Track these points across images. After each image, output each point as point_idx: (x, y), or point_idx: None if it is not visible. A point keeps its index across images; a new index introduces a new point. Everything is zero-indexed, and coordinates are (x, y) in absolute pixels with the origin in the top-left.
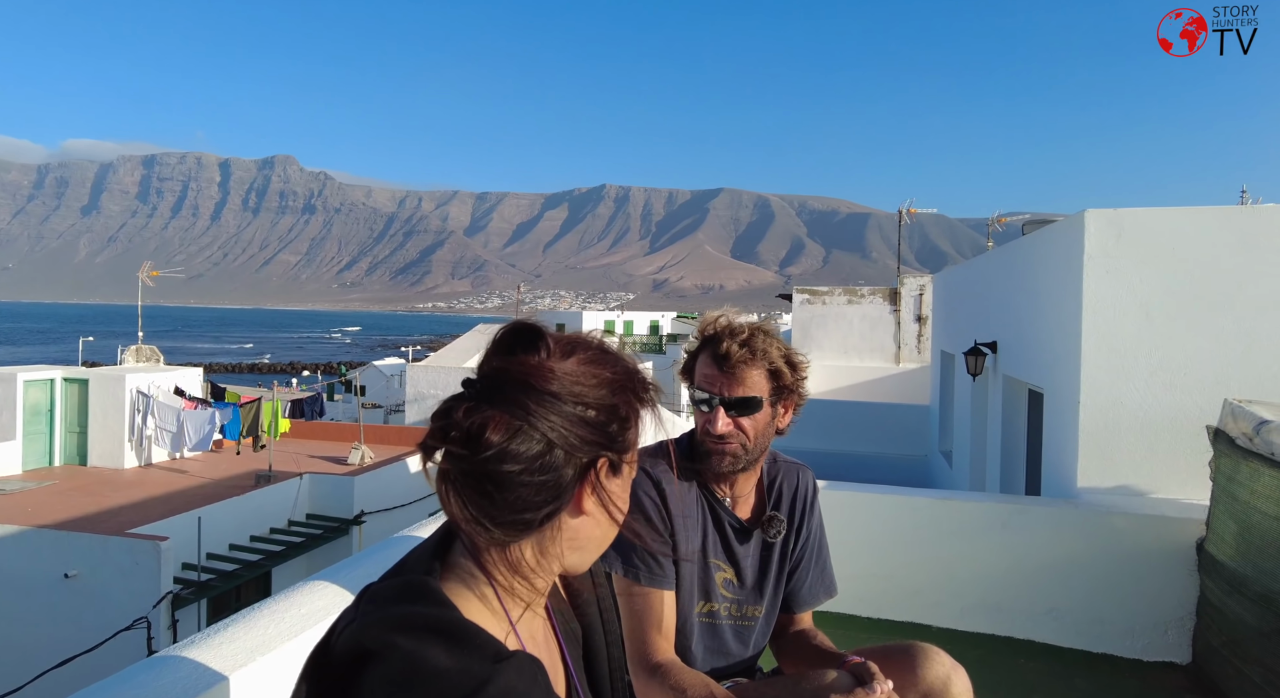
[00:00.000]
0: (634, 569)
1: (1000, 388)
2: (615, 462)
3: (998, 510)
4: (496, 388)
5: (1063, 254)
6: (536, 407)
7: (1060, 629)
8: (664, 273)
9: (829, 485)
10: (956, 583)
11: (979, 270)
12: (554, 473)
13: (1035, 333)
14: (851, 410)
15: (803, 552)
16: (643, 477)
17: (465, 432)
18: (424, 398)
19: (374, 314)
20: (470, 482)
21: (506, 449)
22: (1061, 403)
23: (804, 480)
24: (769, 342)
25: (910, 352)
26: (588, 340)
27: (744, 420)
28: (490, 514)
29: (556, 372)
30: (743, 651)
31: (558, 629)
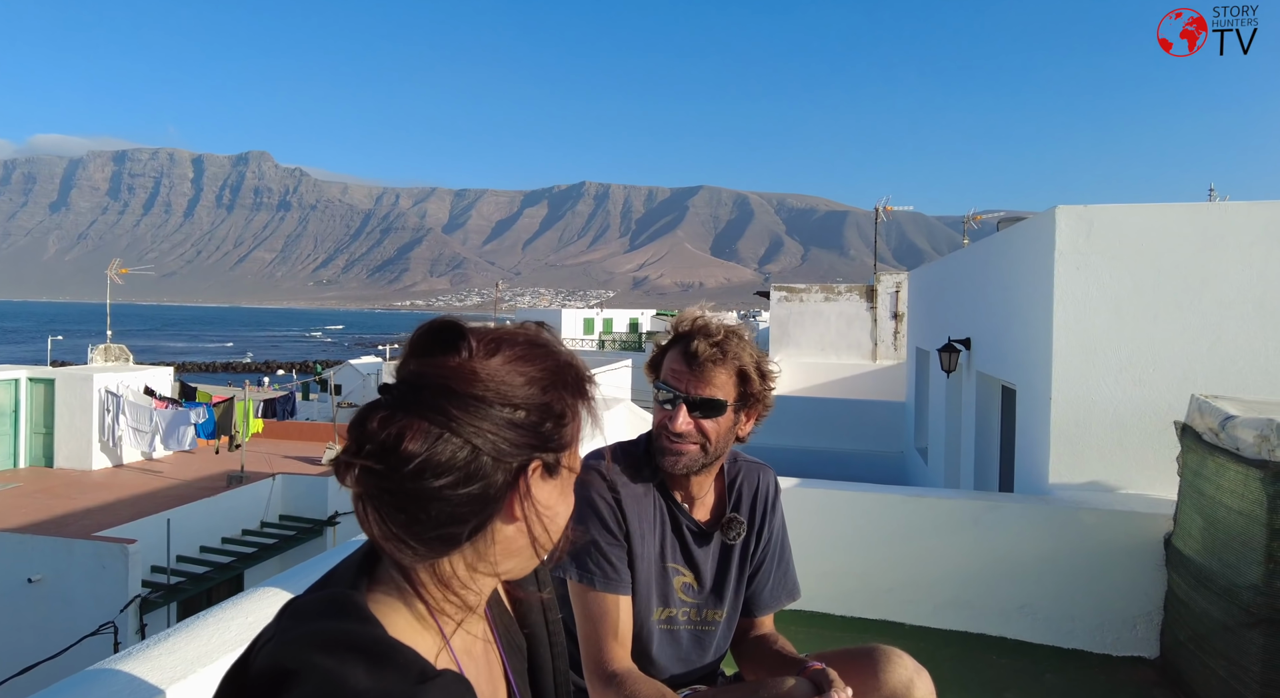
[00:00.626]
0: (589, 574)
1: (974, 384)
2: (551, 463)
3: (969, 507)
4: (414, 394)
5: (1034, 250)
6: (459, 412)
7: (1031, 626)
8: (644, 270)
9: (800, 484)
10: (929, 581)
11: (953, 267)
12: (482, 481)
13: (1008, 329)
14: (828, 407)
15: (764, 554)
16: (597, 479)
17: (381, 444)
18: None
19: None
20: (389, 498)
21: (428, 460)
22: (1033, 399)
23: (765, 481)
24: (742, 346)
25: (887, 349)
26: (515, 334)
27: (706, 422)
28: (413, 532)
29: (480, 373)
30: (703, 656)
31: (500, 641)
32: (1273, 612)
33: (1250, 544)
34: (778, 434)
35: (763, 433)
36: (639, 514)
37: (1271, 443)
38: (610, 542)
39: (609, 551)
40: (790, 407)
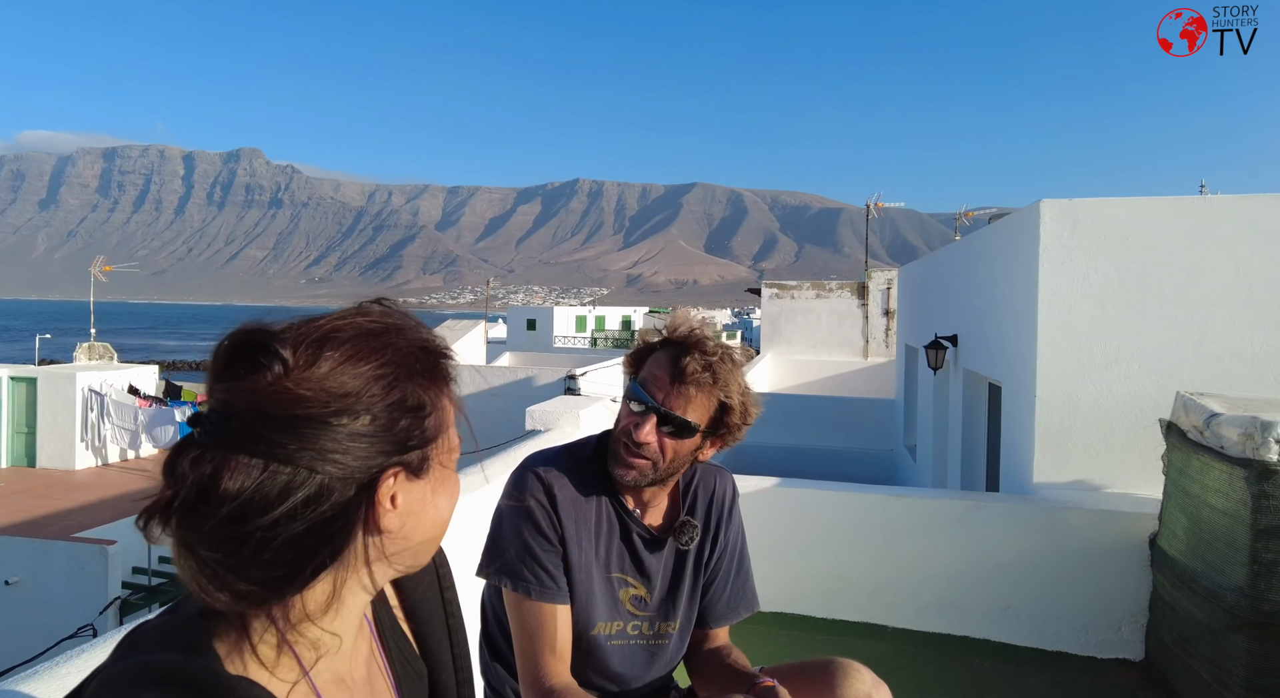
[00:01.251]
0: (523, 583)
1: (961, 382)
2: (414, 462)
3: (952, 507)
4: (226, 424)
5: (1018, 245)
6: (283, 437)
7: (1015, 628)
8: (638, 268)
9: (780, 483)
10: (912, 582)
11: (940, 264)
12: (324, 505)
13: (994, 326)
14: (818, 404)
15: (719, 562)
16: (533, 481)
17: (196, 487)
18: None
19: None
20: (216, 547)
21: (253, 499)
22: (1018, 397)
23: (722, 485)
24: (734, 373)
25: (878, 346)
26: (341, 329)
27: (669, 440)
28: (251, 578)
29: (298, 390)
30: (655, 671)
31: (393, 669)
32: (1257, 615)
33: (1234, 545)
34: (767, 432)
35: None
36: (578, 520)
37: (1255, 441)
38: (545, 548)
39: (544, 558)
40: (780, 404)
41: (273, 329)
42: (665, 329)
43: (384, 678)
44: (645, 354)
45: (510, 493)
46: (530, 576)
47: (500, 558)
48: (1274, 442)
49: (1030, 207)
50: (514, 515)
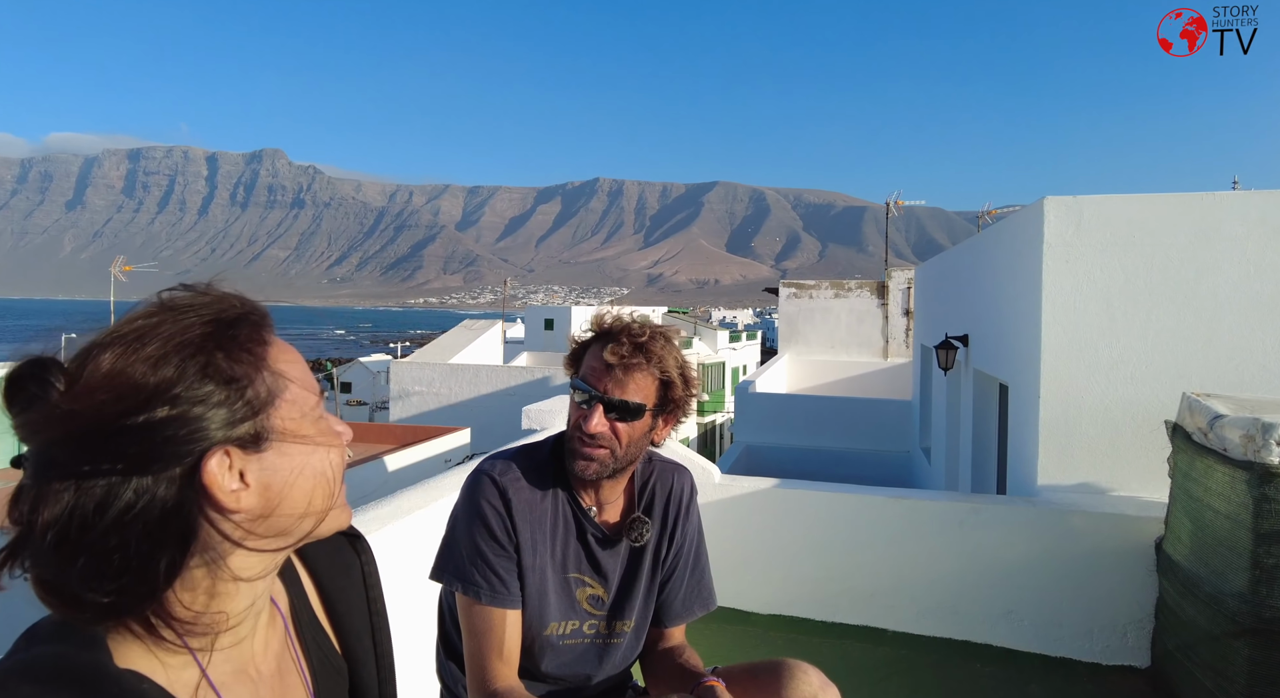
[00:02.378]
0: (474, 587)
1: (971, 383)
2: (246, 435)
3: (953, 510)
4: (33, 459)
5: (1023, 244)
6: (79, 456)
7: (1017, 632)
8: (658, 267)
9: (780, 484)
10: (913, 585)
11: (952, 262)
12: (153, 505)
13: (1001, 326)
14: (834, 406)
15: (676, 560)
16: (487, 484)
17: (28, 526)
18: (407, 395)
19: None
20: (57, 571)
21: (71, 521)
22: (1023, 397)
23: (680, 483)
24: (667, 349)
25: (898, 346)
26: (119, 325)
27: (620, 426)
28: (104, 590)
29: (70, 406)
30: (608, 669)
31: (308, 663)
32: (1258, 622)
33: (1236, 550)
34: (782, 433)
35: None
36: (533, 522)
37: (1257, 443)
38: (498, 552)
39: (495, 562)
40: (796, 405)
41: (39, 355)
42: (593, 325)
43: (297, 672)
44: (580, 352)
45: (465, 497)
46: (481, 580)
47: (452, 562)
48: (1275, 444)
49: (1034, 204)
50: (467, 519)
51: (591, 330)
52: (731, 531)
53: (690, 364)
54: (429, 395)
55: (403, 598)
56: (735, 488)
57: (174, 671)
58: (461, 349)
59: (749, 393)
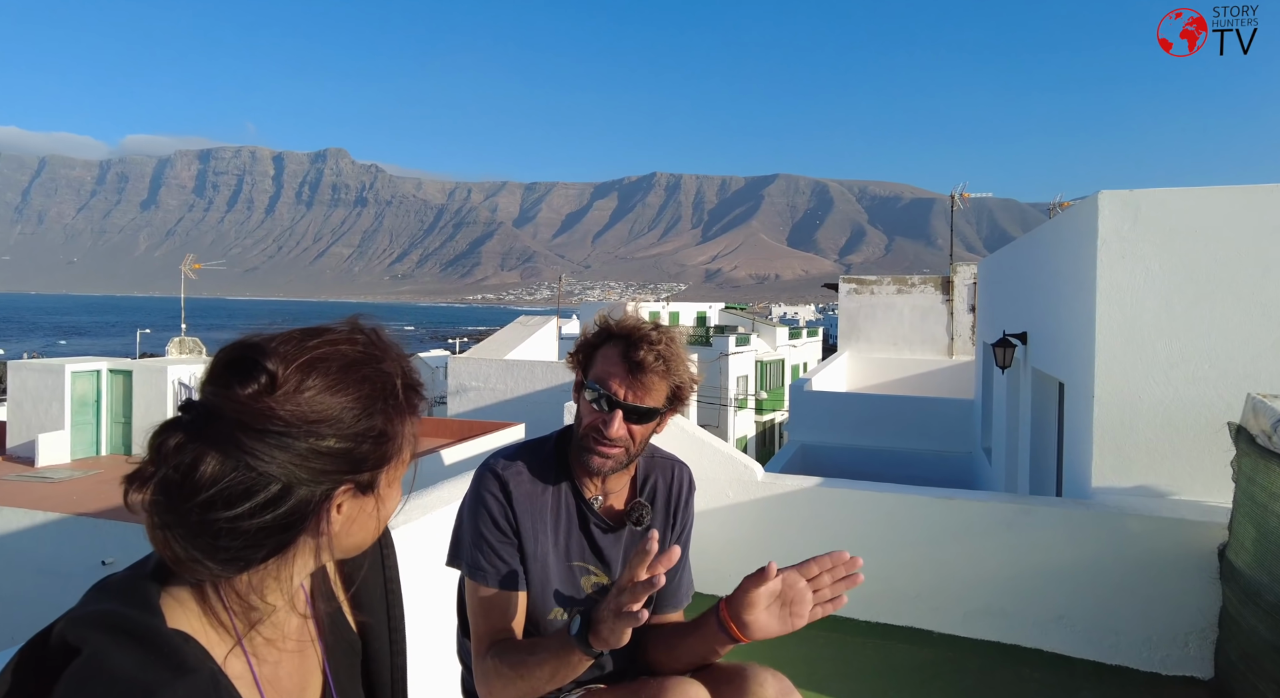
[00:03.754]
0: (480, 572)
1: (1030, 381)
2: (365, 482)
3: (1001, 511)
4: (210, 423)
5: (1077, 239)
6: (256, 445)
7: (1070, 638)
8: (717, 262)
9: (822, 483)
10: (959, 587)
11: (1012, 257)
12: (281, 509)
13: (1057, 323)
14: (893, 405)
15: None
16: (490, 478)
17: (175, 468)
18: (465, 390)
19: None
20: (182, 524)
21: (221, 492)
22: (1078, 397)
23: (679, 476)
24: (678, 354)
25: (964, 343)
26: (328, 357)
27: (636, 427)
28: (208, 555)
29: (278, 411)
30: (618, 653)
31: (325, 639)
32: None
33: None
34: (839, 432)
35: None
36: (533, 513)
37: None
38: (500, 539)
39: (499, 548)
40: (853, 404)
41: (266, 347)
42: (600, 323)
43: (313, 645)
44: (591, 351)
45: (470, 489)
46: (487, 564)
47: (461, 549)
48: None
49: (1088, 198)
50: (472, 510)
51: (601, 329)
52: (773, 529)
53: (690, 359)
54: (485, 391)
55: (436, 585)
56: (777, 486)
57: (214, 634)
58: (517, 345)
59: (804, 391)
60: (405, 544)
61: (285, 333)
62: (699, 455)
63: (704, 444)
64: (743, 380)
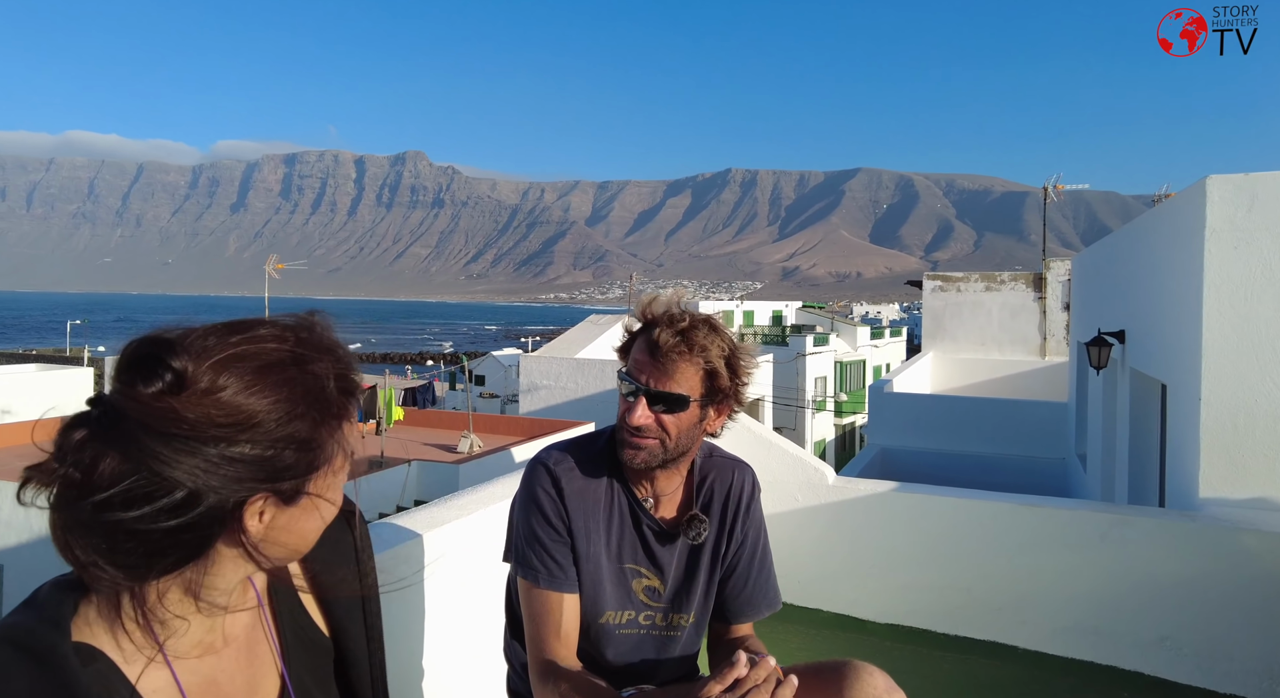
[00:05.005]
0: (532, 571)
1: (1128, 383)
2: (287, 491)
3: (1095, 520)
4: (115, 421)
5: (1182, 228)
6: (160, 449)
7: (1175, 663)
8: (794, 260)
9: (899, 488)
10: (1046, 601)
11: (1109, 250)
12: (187, 516)
13: (1159, 320)
14: (980, 407)
15: (738, 557)
16: (542, 473)
17: (75, 465)
18: (536, 388)
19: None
20: (81, 524)
21: (119, 494)
22: (1183, 399)
23: (740, 480)
24: (711, 338)
25: (1058, 343)
26: (246, 357)
27: (666, 417)
28: (105, 556)
29: (183, 413)
30: (668, 661)
31: (282, 638)
32: None
33: None
34: (921, 436)
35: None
36: (586, 511)
37: None
38: (553, 538)
39: (552, 547)
40: (936, 406)
41: (177, 343)
42: (639, 315)
43: (267, 642)
44: (629, 344)
45: (522, 484)
46: (539, 564)
47: (513, 546)
48: None
49: (1195, 184)
50: (524, 506)
51: (639, 320)
52: (845, 535)
53: (744, 351)
54: (555, 389)
55: (487, 582)
56: (850, 491)
57: (130, 645)
58: (588, 344)
59: (884, 393)
60: (452, 542)
61: (206, 327)
62: (766, 457)
63: (771, 445)
64: (821, 382)
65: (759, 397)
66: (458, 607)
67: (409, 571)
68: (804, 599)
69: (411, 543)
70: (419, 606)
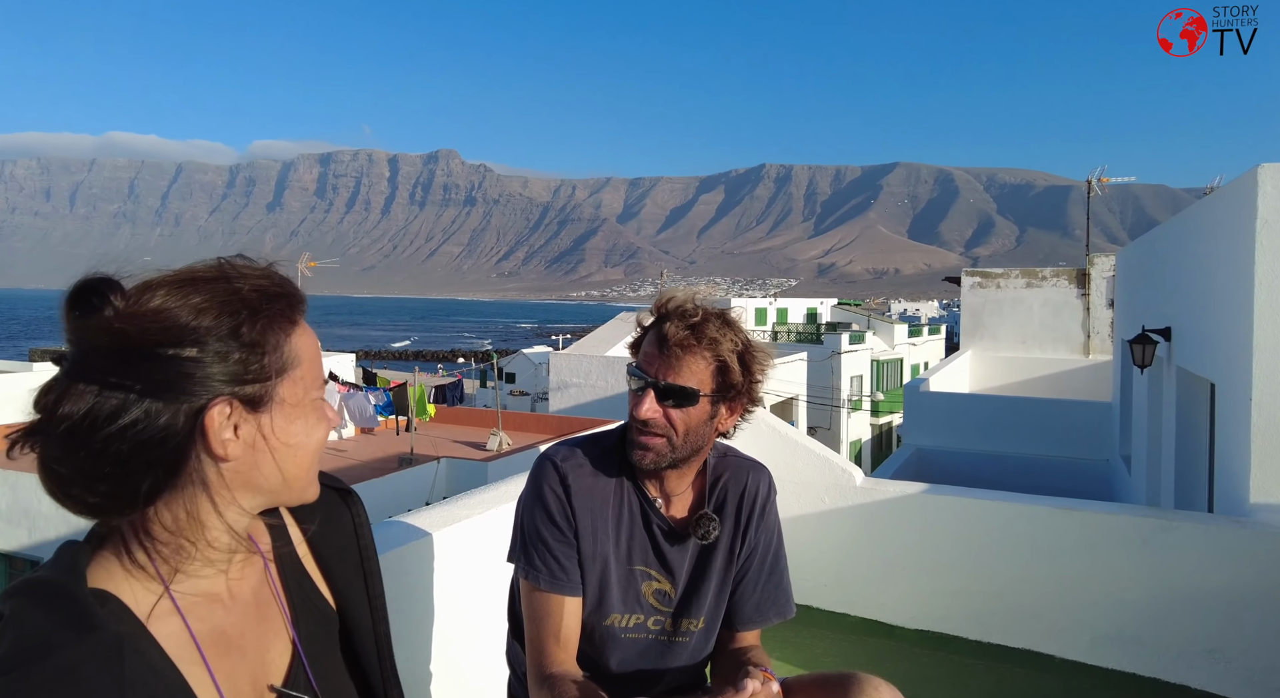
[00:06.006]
0: (534, 572)
1: (1174, 382)
2: (252, 396)
3: (1136, 525)
4: (72, 359)
5: (1232, 220)
6: (111, 367)
7: (1224, 676)
8: (830, 256)
9: (929, 489)
10: (1084, 609)
11: (1155, 245)
12: (156, 428)
13: (1207, 316)
14: (1020, 407)
15: (749, 561)
16: (549, 470)
17: (44, 409)
18: (566, 386)
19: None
20: (58, 460)
21: (84, 419)
22: (1233, 399)
23: (755, 481)
24: (723, 332)
25: (1102, 341)
26: (175, 275)
27: (675, 412)
28: (84, 483)
29: (120, 325)
30: (674, 667)
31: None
32: None
33: None
34: (958, 436)
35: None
36: (593, 509)
37: None
38: (557, 538)
39: (555, 548)
40: (973, 405)
41: (106, 276)
42: (653, 309)
43: (276, 604)
44: (641, 338)
45: (529, 482)
46: (541, 565)
47: (517, 546)
48: None
49: (1246, 174)
50: (529, 504)
51: (652, 314)
52: (873, 538)
53: (759, 348)
54: (586, 387)
55: (493, 584)
56: (879, 492)
57: (141, 591)
58: (618, 342)
59: (919, 392)
60: (463, 541)
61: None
62: (792, 458)
63: (797, 445)
64: (856, 381)
65: (793, 396)
66: (465, 607)
67: (418, 569)
68: (830, 603)
69: (421, 542)
70: (428, 605)
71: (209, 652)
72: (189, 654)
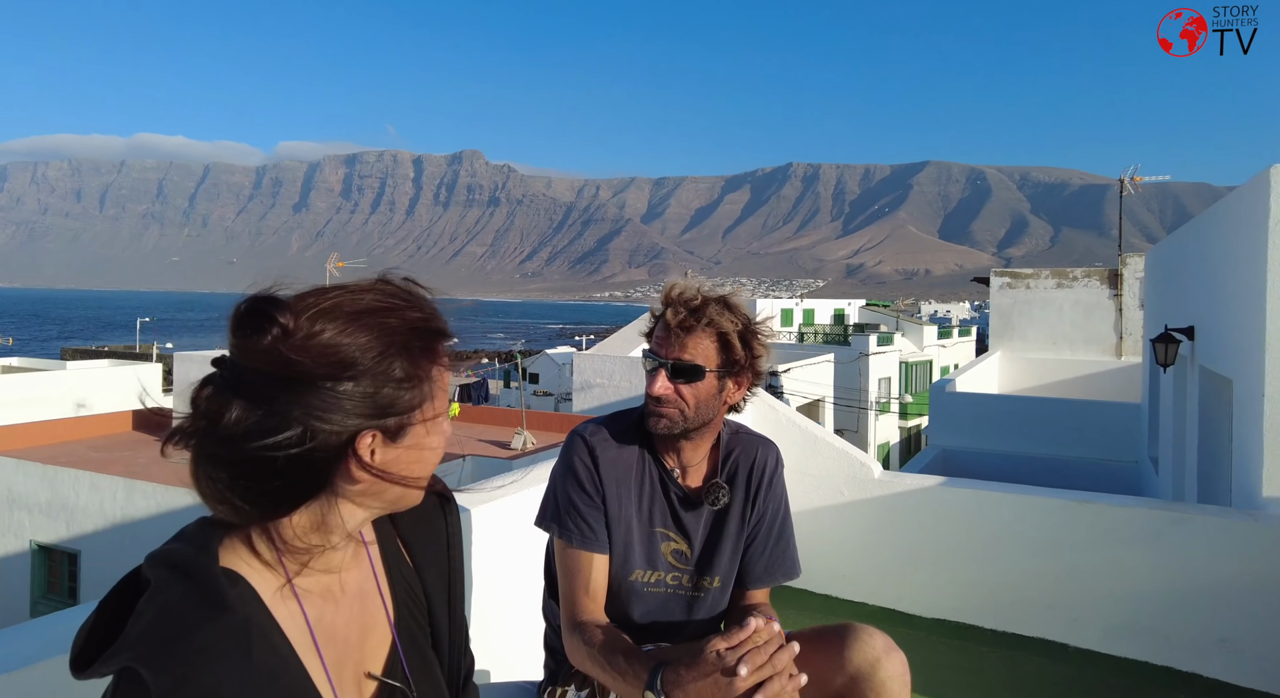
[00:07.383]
0: (567, 532)
1: (1197, 381)
2: (392, 427)
3: (1149, 518)
4: (235, 373)
5: (1247, 219)
6: (275, 392)
7: (1235, 665)
8: (859, 257)
9: (946, 482)
10: (1098, 599)
11: (1179, 244)
12: (301, 450)
13: (1226, 315)
14: (1049, 408)
15: (758, 527)
16: (579, 443)
17: (204, 416)
18: (589, 386)
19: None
20: (213, 465)
21: (246, 434)
22: (1248, 395)
23: (764, 455)
24: (723, 313)
25: (1136, 343)
26: (343, 304)
27: (685, 388)
28: (232, 489)
29: (289, 355)
30: (695, 620)
31: (391, 591)
32: None
33: None
34: (985, 437)
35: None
36: (618, 478)
37: None
38: (587, 503)
39: (585, 511)
40: (1000, 407)
41: (278, 299)
42: (663, 297)
43: (378, 596)
44: (654, 326)
45: (561, 454)
46: (573, 526)
47: (550, 510)
48: None
49: (1259, 174)
50: (562, 474)
51: (661, 304)
52: (891, 529)
53: (758, 326)
54: (609, 387)
55: (525, 549)
56: (896, 485)
57: (266, 576)
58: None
59: (945, 392)
60: (501, 515)
61: (299, 292)
62: (812, 451)
63: (816, 439)
64: (885, 382)
65: (820, 398)
66: (501, 572)
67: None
68: (849, 592)
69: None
70: (468, 572)
71: (321, 637)
72: (305, 641)
